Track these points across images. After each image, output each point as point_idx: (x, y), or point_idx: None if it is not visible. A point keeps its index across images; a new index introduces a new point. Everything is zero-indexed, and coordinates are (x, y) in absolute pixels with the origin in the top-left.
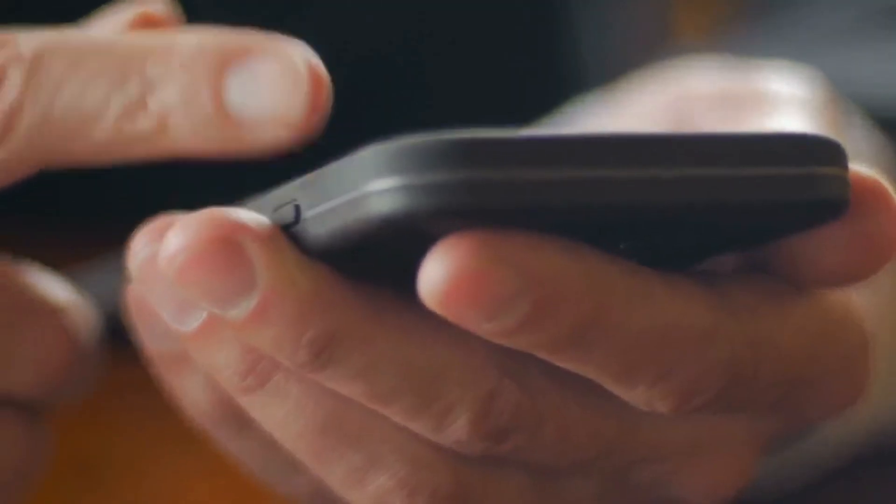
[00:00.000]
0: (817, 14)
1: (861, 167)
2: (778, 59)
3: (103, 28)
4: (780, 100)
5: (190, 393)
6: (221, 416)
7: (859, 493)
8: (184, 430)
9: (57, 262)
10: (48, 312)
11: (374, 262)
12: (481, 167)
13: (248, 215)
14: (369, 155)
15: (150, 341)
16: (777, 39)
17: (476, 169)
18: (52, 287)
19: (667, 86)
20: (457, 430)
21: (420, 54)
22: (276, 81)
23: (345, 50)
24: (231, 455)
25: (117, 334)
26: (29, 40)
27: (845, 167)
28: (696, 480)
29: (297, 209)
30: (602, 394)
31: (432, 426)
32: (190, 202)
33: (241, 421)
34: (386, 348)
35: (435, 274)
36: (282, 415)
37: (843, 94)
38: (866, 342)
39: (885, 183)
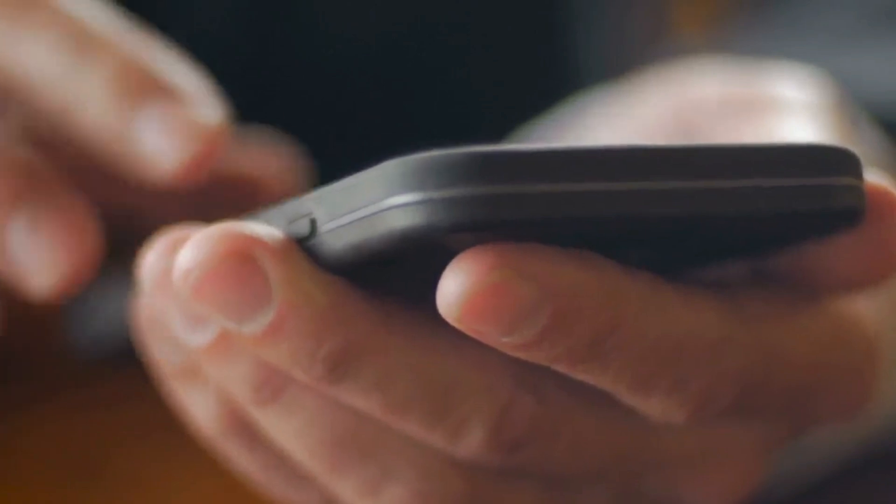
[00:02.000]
0: (816, 14)
1: (872, 175)
2: (778, 59)
3: None
4: (788, 106)
5: (198, 406)
6: (230, 430)
7: (861, 495)
8: (188, 441)
9: None
10: None
11: (391, 275)
12: (501, 181)
13: (263, 229)
14: (389, 169)
15: (159, 354)
16: (776, 39)
17: (496, 183)
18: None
19: (672, 90)
20: (472, 442)
21: (420, 53)
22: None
23: (342, 48)
24: (238, 469)
25: (125, 347)
26: None
27: (860, 177)
28: (705, 487)
29: (313, 223)
30: (614, 404)
31: (447, 438)
32: None
33: (250, 434)
34: (401, 361)
35: (454, 288)
36: (295, 427)
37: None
38: (872, 349)
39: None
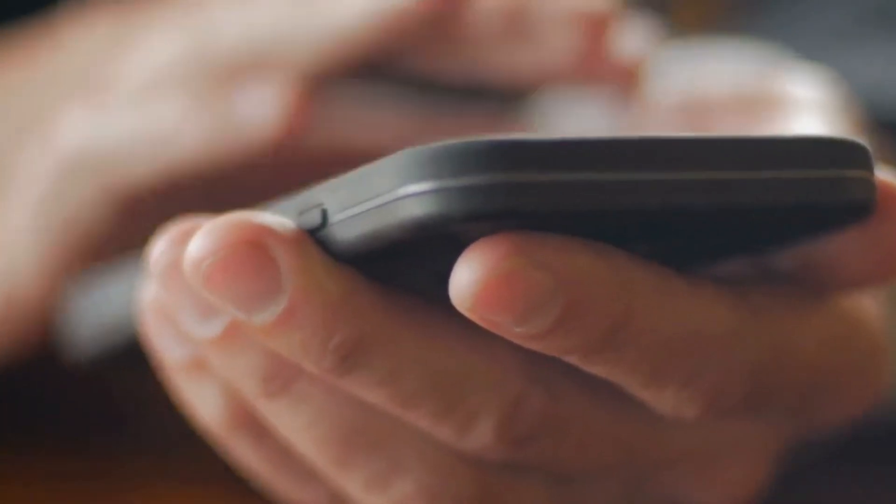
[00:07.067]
0: (811, 15)
1: (881, 172)
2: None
3: None
4: (801, 103)
5: (204, 401)
6: (236, 425)
7: (851, 489)
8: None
9: None
10: None
11: (402, 265)
12: (515, 170)
13: (274, 219)
14: (402, 158)
15: (164, 348)
16: (772, 40)
17: (510, 172)
18: None
19: (682, 85)
20: (481, 436)
21: None
22: None
23: None
24: (244, 467)
25: (128, 343)
26: None
27: (871, 170)
28: (713, 485)
29: (324, 213)
30: (625, 399)
31: (457, 431)
32: None
33: (256, 429)
34: (412, 353)
35: (467, 277)
36: (304, 420)
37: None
38: (878, 347)
39: None
